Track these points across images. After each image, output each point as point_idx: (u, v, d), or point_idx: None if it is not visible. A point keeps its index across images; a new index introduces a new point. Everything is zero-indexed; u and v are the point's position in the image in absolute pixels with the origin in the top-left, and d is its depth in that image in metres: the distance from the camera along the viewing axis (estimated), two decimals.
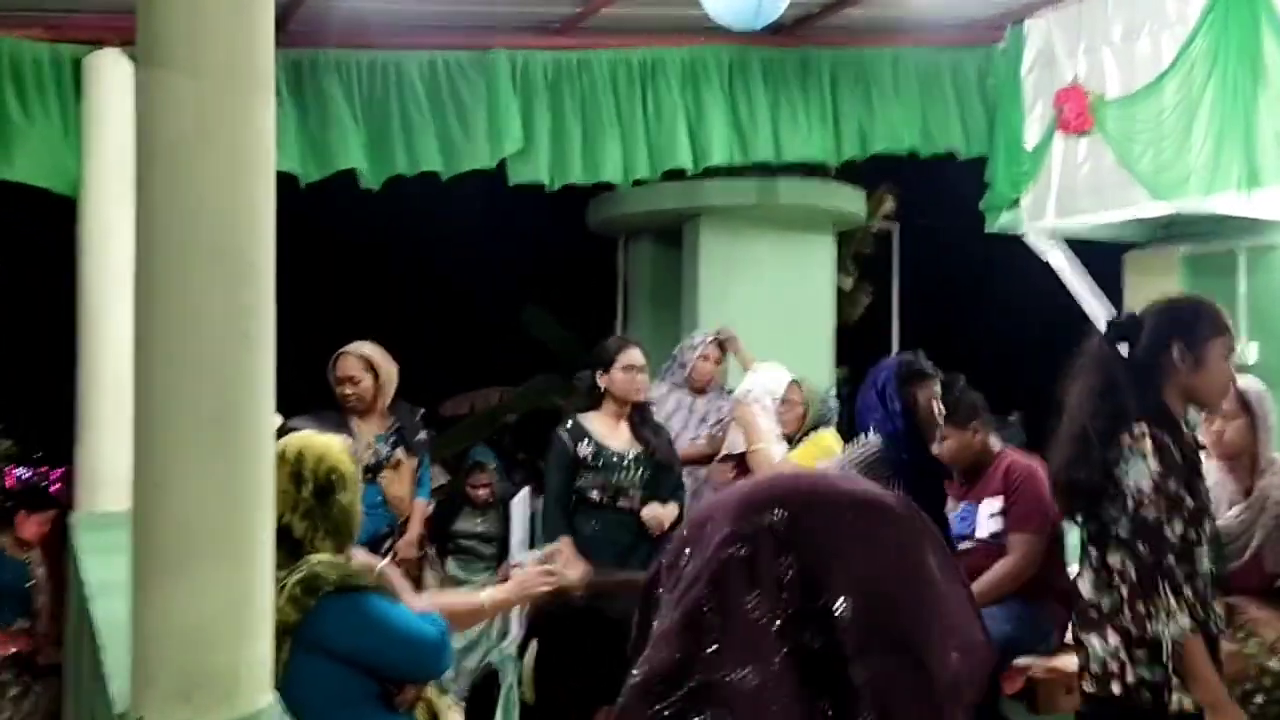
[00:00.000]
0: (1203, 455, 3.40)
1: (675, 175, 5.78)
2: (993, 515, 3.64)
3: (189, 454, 1.62)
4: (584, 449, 4.01)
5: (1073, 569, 3.79)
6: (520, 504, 4.97)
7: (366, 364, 4.35)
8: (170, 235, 1.63)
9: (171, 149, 1.64)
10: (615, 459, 4.06)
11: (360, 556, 2.40)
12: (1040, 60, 5.72)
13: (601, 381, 4.12)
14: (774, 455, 4.50)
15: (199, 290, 1.63)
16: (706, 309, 5.88)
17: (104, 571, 2.85)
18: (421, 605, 2.35)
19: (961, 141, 5.81)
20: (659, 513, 4.06)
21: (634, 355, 4.15)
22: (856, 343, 6.97)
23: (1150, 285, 6.39)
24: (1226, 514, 3.63)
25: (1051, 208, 5.71)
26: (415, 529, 4.54)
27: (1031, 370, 5.01)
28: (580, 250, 8.91)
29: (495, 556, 5.41)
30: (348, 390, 4.32)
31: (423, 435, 4.58)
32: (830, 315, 6.25)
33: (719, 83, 5.28)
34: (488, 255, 9.55)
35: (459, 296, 9.88)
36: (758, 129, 5.36)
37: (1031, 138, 5.75)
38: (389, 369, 4.41)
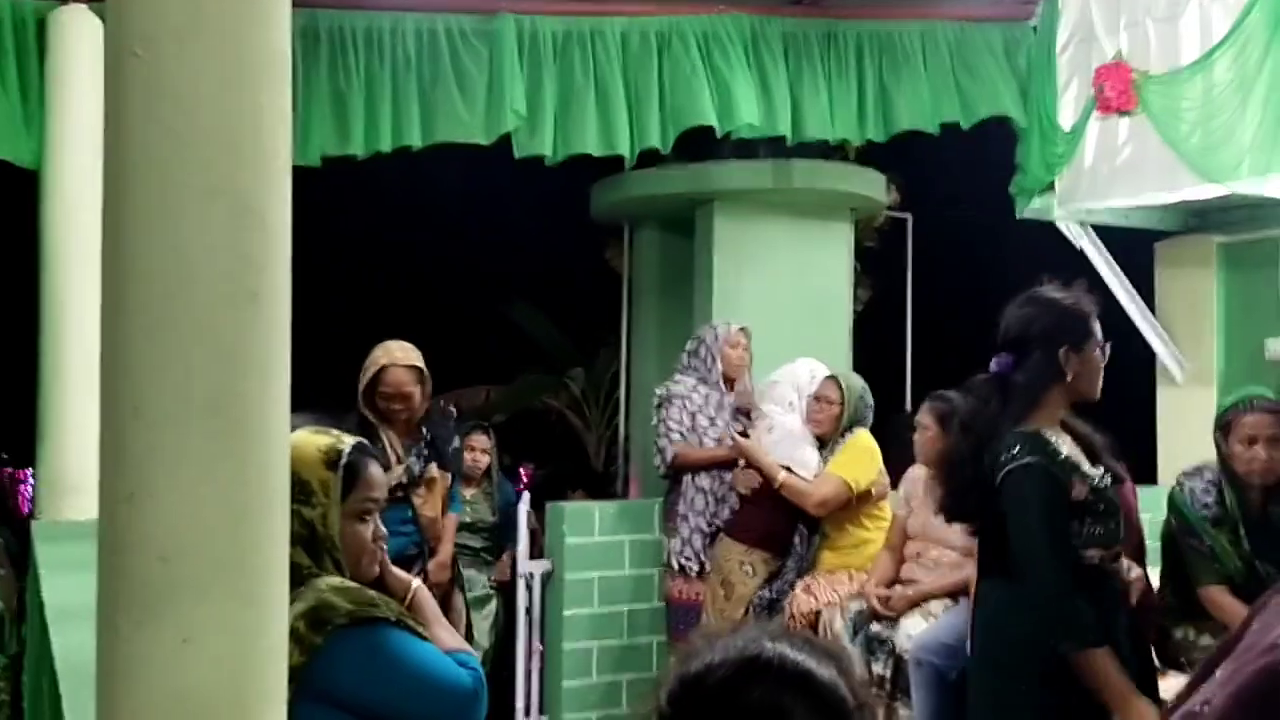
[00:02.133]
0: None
1: (685, 157, 5.41)
2: None
3: (176, 453, 1.20)
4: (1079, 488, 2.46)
5: None
6: (524, 513, 4.57)
7: (417, 376, 3.77)
8: (150, 168, 1.22)
9: (155, 52, 1.22)
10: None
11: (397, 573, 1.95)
12: (1077, 36, 5.36)
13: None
14: (806, 473, 4.10)
15: (188, 240, 1.21)
16: (721, 299, 5.48)
17: (68, 592, 2.42)
18: (454, 642, 1.92)
19: (992, 117, 5.46)
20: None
21: None
22: (863, 338, 6.58)
23: (1184, 276, 6.07)
24: None
25: (1086, 192, 5.36)
26: (447, 548, 4.02)
27: None
28: (574, 244, 8.51)
29: (489, 550, 4.89)
30: (396, 407, 3.73)
31: (456, 444, 4.07)
32: (848, 306, 5.87)
33: (738, 54, 4.89)
34: (477, 248, 9.12)
35: (445, 290, 9.44)
36: (777, 103, 4.98)
37: (1067, 118, 5.39)
38: (428, 381, 3.85)
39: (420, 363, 3.79)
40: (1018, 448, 2.42)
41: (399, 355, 3.74)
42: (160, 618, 1.18)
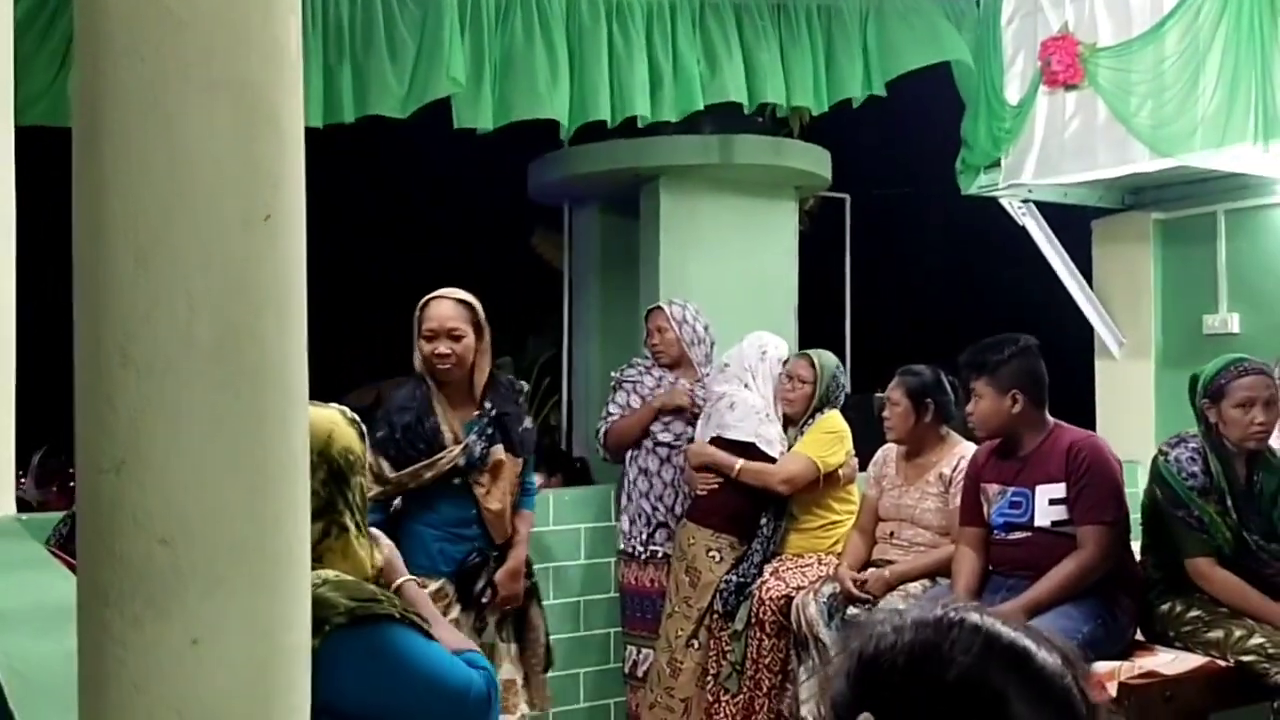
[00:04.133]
0: None
1: (628, 133, 5.21)
2: (1053, 502, 3.17)
3: (175, 409, 0.97)
4: None
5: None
6: None
7: (470, 315, 3.14)
8: (137, 55, 0.97)
9: None
10: None
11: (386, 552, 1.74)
12: (1022, 9, 5.30)
13: None
14: (771, 450, 3.94)
15: (188, 144, 0.98)
16: (667, 279, 5.30)
17: None
18: (458, 642, 1.71)
19: (933, 90, 5.40)
20: None
21: None
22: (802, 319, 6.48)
23: (1122, 253, 6.09)
24: None
25: (1031, 168, 5.31)
26: (520, 553, 3.30)
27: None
28: (499, 231, 8.26)
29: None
30: (443, 350, 3.08)
31: (528, 425, 3.35)
32: (793, 285, 5.75)
33: (687, 23, 4.73)
34: (396, 233, 8.79)
35: (361, 279, 9.07)
36: (728, 73, 4.82)
37: (1013, 92, 5.34)
38: (486, 331, 3.20)
39: (476, 304, 3.18)
40: None
41: (447, 290, 3.19)
42: (163, 614, 0.95)
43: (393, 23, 4.35)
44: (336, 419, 1.61)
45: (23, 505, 4.47)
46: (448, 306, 3.12)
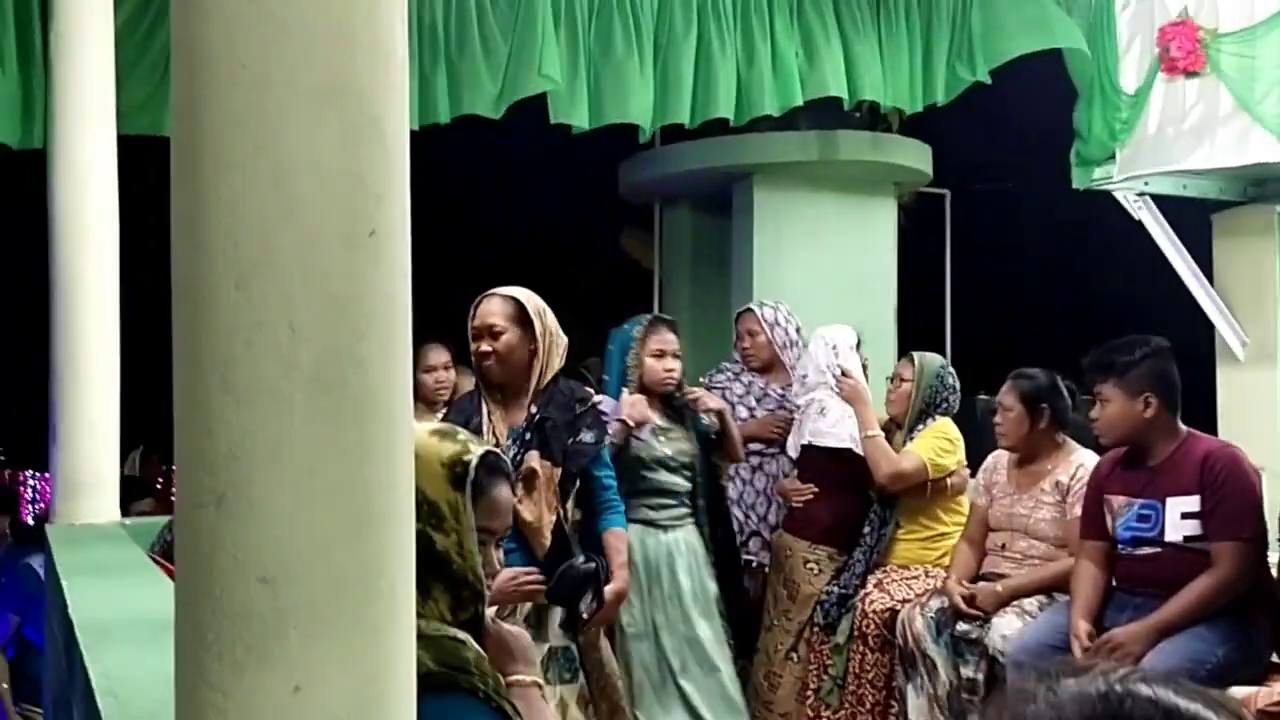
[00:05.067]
0: None
1: (721, 131, 5.12)
2: (1186, 516, 2.98)
3: (279, 440, 0.91)
4: None
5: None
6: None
7: (516, 311, 2.90)
8: (239, 61, 0.92)
9: None
10: None
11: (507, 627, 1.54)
12: None
13: None
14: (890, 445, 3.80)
15: (292, 155, 0.92)
16: (761, 279, 5.20)
17: (97, 607, 2.13)
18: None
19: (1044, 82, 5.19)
20: None
21: None
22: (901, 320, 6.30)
23: (1245, 248, 5.79)
24: None
25: (1150, 159, 5.09)
26: (624, 575, 3.07)
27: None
28: (590, 230, 8.22)
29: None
30: (484, 349, 2.90)
31: (587, 437, 2.98)
32: (894, 285, 5.59)
33: (785, 15, 4.62)
34: (487, 233, 8.81)
35: (453, 278, 9.11)
36: (828, 67, 4.70)
37: (1129, 81, 5.12)
38: (551, 326, 2.94)
39: (530, 302, 2.93)
40: None
41: (499, 288, 2.97)
42: (264, 659, 0.89)
43: (486, 22, 4.33)
44: (421, 453, 1.42)
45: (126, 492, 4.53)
46: (492, 303, 2.95)
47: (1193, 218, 5.82)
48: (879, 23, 4.80)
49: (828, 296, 5.21)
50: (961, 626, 3.48)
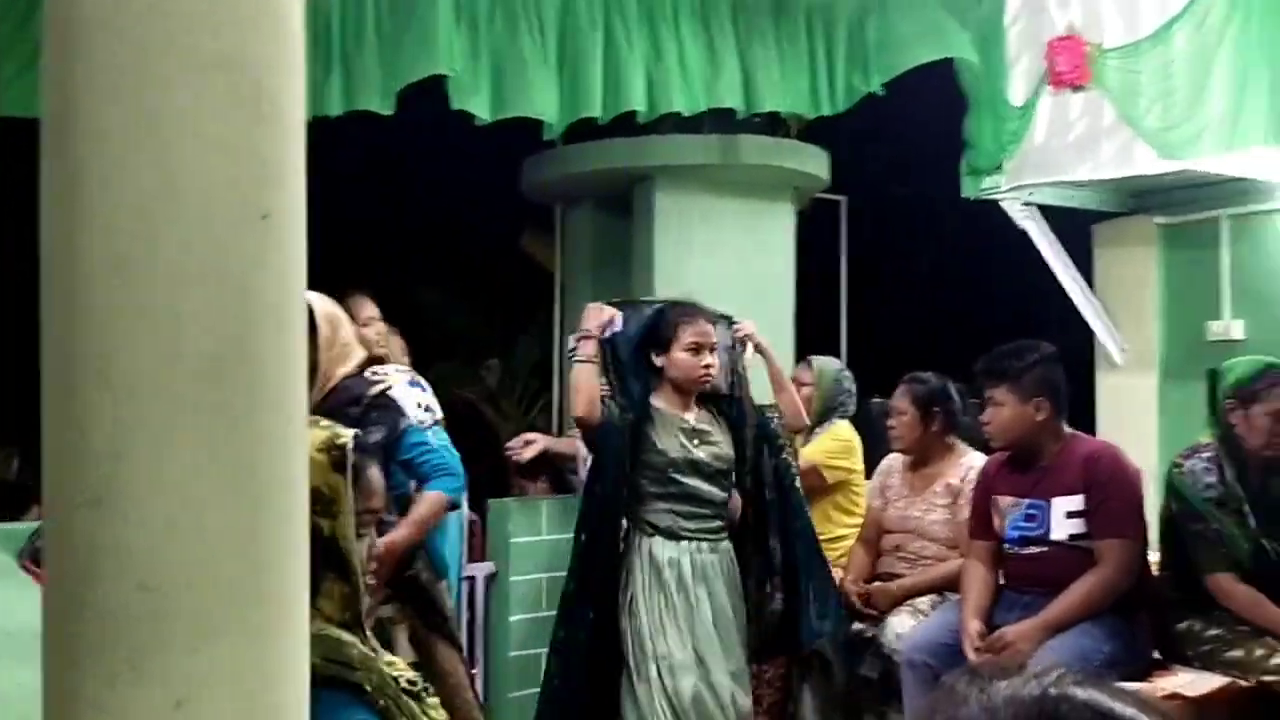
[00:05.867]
0: None
1: (623, 132, 5.10)
2: (1071, 515, 3.07)
3: (161, 437, 0.84)
4: None
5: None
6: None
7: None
8: (120, 28, 0.85)
9: None
10: None
11: None
12: (1027, 8, 5.22)
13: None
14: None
15: (177, 131, 0.85)
16: (663, 282, 5.18)
17: None
18: None
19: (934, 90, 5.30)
20: None
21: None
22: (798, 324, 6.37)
23: (1125, 258, 6.00)
24: None
25: (1036, 170, 5.23)
26: (395, 535, 2.85)
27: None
28: (490, 228, 8.12)
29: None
30: None
31: (377, 435, 2.81)
32: (792, 290, 5.64)
33: (690, 19, 4.62)
34: (383, 228, 8.64)
35: (348, 274, 8.89)
36: (727, 76, 4.72)
37: (1017, 94, 5.25)
38: (341, 338, 2.89)
39: (317, 308, 2.80)
40: None
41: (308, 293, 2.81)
42: (143, 673, 0.82)
43: (381, 11, 4.22)
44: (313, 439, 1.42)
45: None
46: None
47: (1075, 227, 6.01)
48: (778, 32, 4.84)
49: (728, 300, 5.20)
50: (857, 626, 3.53)
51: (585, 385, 3.20)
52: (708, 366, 3.19)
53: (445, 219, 8.39)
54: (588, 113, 4.46)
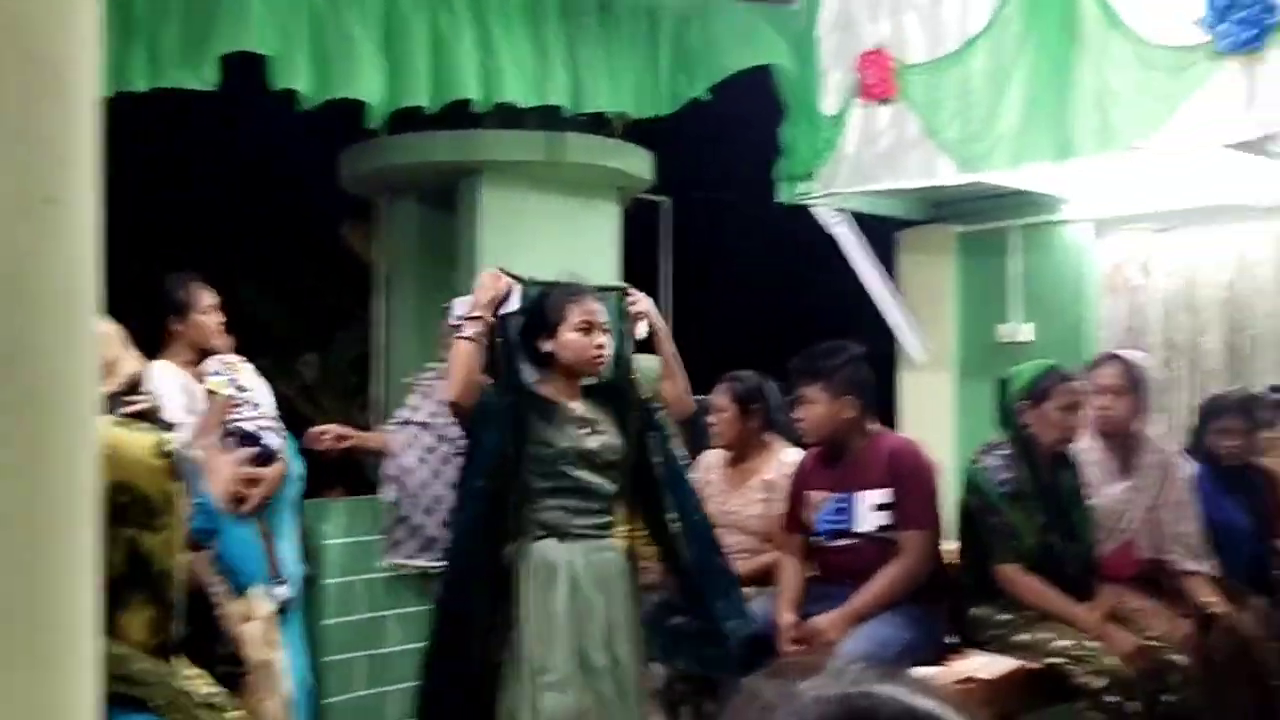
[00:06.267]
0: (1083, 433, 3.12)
1: (449, 124, 4.99)
2: (877, 508, 3.19)
3: None
4: None
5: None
6: None
7: None
8: None
9: None
10: None
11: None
12: (839, 22, 5.39)
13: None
14: None
15: None
16: None
17: None
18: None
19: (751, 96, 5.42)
20: None
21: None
22: None
23: (926, 264, 6.30)
24: (1106, 492, 3.40)
25: (847, 178, 5.41)
26: None
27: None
28: (307, 221, 7.83)
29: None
30: None
31: None
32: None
33: (512, 12, 4.56)
34: (195, 221, 8.20)
35: (159, 269, 8.41)
36: (554, 73, 4.68)
37: (830, 104, 5.43)
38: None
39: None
40: None
41: None
42: None
43: None
44: (123, 444, 1.31)
45: None
46: None
47: (882, 233, 6.27)
48: (604, 32, 4.84)
49: None
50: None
51: (463, 366, 2.86)
52: (600, 347, 2.92)
53: (262, 207, 8.03)
54: (415, 100, 4.34)
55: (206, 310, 3.54)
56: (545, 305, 3.04)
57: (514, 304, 3.06)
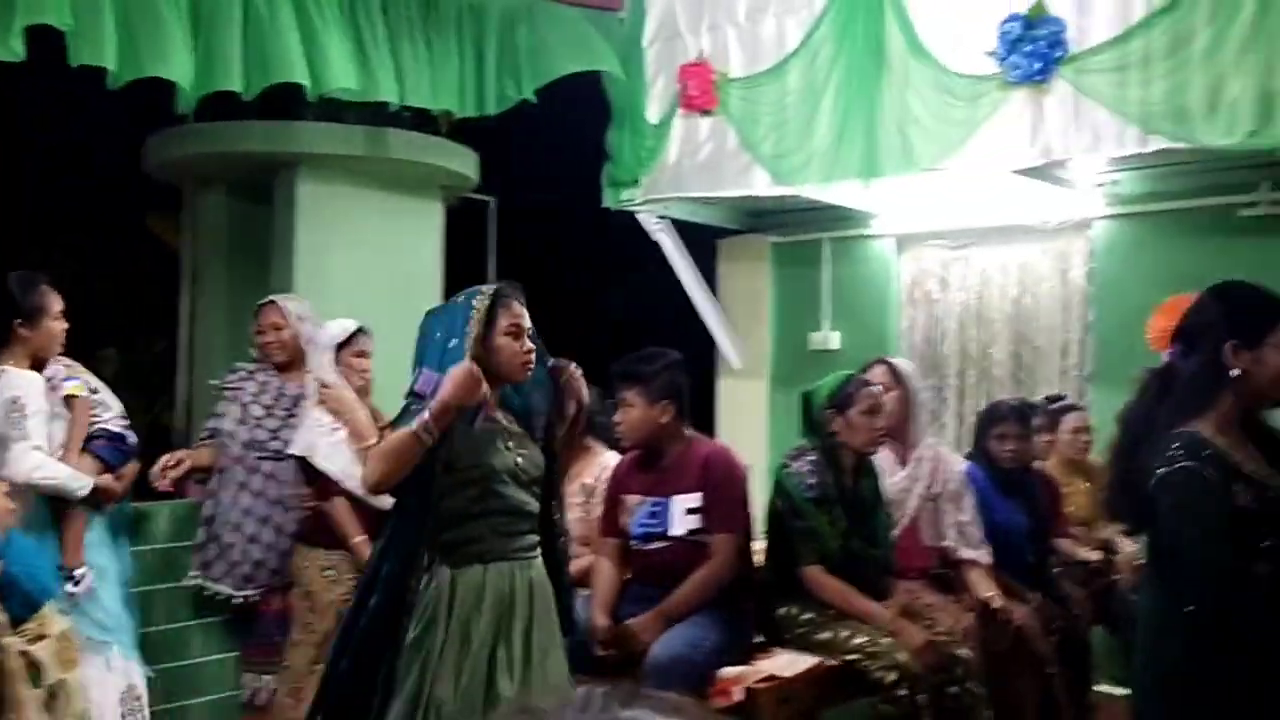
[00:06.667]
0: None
1: (264, 114, 4.78)
2: (690, 512, 3.23)
3: None
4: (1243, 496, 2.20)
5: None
6: None
7: None
8: None
9: None
10: None
11: None
12: (663, 32, 5.46)
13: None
14: (327, 466, 3.58)
15: None
16: (304, 275, 4.92)
17: None
18: None
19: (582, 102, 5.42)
20: None
21: None
22: None
23: (743, 272, 6.45)
24: (887, 482, 3.56)
25: (669, 186, 5.48)
26: None
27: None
28: (111, 208, 7.36)
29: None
30: None
31: None
32: (439, 289, 5.54)
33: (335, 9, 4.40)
34: None
35: None
36: (376, 66, 4.55)
37: (654, 113, 5.48)
38: None
39: None
40: (1173, 449, 2.12)
41: None
42: None
43: None
44: None
45: None
46: None
47: (703, 242, 6.37)
48: (428, 29, 4.73)
49: (372, 297, 5.03)
50: None
51: (400, 462, 2.52)
52: (530, 352, 2.67)
53: (61, 193, 7.50)
54: (228, 85, 4.12)
55: (58, 317, 3.31)
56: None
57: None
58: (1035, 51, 4.23)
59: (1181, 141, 3.93)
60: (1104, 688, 4.55)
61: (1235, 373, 2.14)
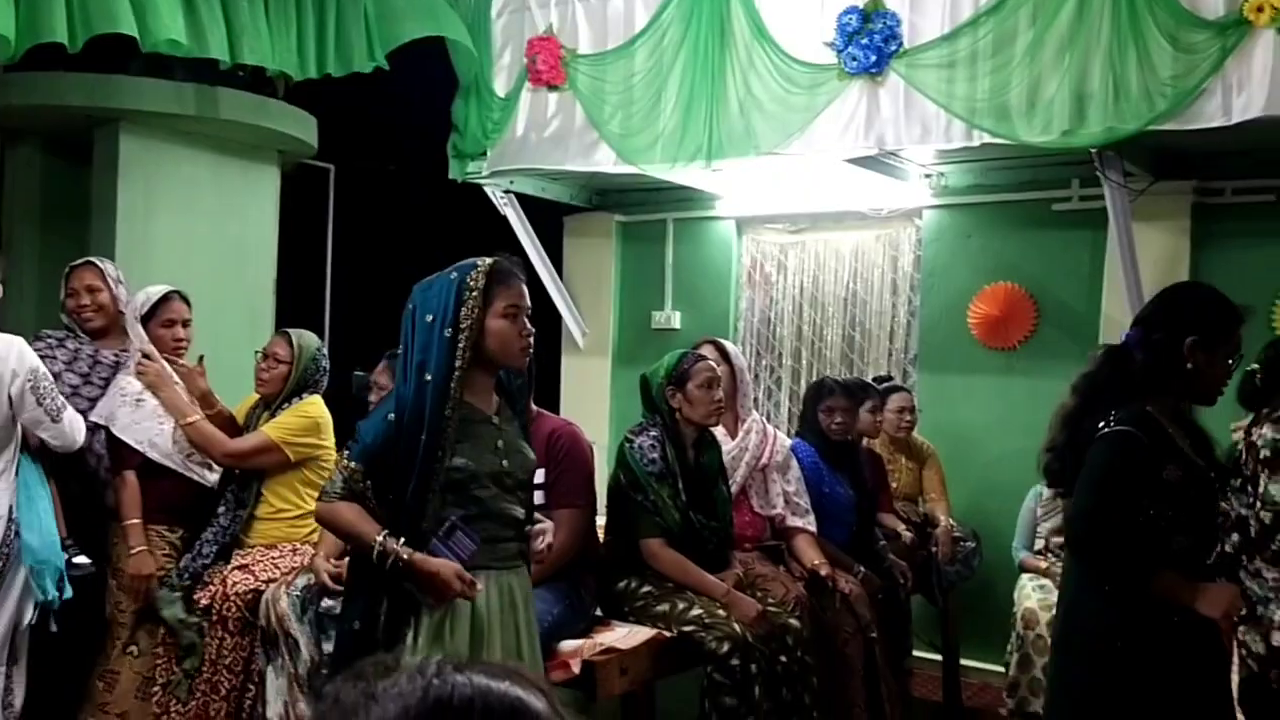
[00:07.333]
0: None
1: (82, 66, 4.43)
2: (535, 487, 3.16)
3: None
4: (1172, 470, 2.39)
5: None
6: None
7: None
8: None
9: None
10: None
11: None
12: (511, 4, 5.34)
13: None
14: (126, 438, 3.42)
15: None
16: (128, 239, 4.60)
17: None
18: None
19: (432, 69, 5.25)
20: None
21: None
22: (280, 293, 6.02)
23: (589, 249, 6.41)
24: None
25: (515, 159, 5.37)
26: None
27: None
28: None
29: None
30: None
31: None
32: (273, 256, 5.29)
33: None
34: None
35: None
36: (207, 23, 4.28)
37: (501, 85, 5.36)
38: None
39: None
40: (1119, 415, 2.27)
41: None
42: None
43: None
44: None
45: None
46: None
47: (550, 218, 6.29)
48: None
49: (201, 264, 4.77)
50: (326, 603, 3.36)
51: (342, 536, 2.48)
52: (529, 335, 2.45)
53: None
54: (51, 36, 3.80)
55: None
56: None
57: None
58: (871, 44, 4.32)
59: (1002, 138, 4.08)
60: (921, 653, 4.75)
61: (1189, 367, 2.32)
